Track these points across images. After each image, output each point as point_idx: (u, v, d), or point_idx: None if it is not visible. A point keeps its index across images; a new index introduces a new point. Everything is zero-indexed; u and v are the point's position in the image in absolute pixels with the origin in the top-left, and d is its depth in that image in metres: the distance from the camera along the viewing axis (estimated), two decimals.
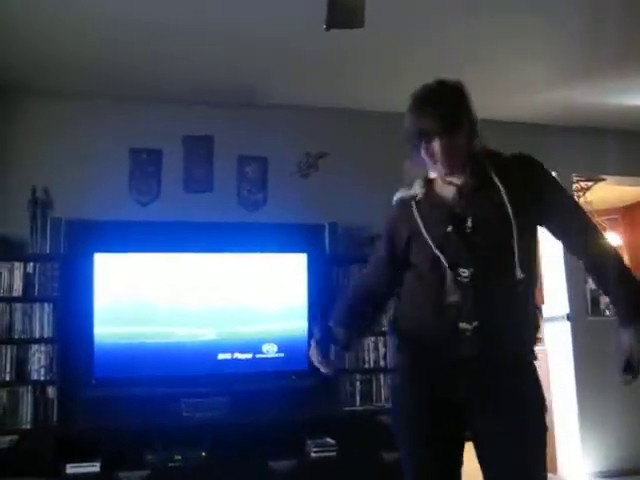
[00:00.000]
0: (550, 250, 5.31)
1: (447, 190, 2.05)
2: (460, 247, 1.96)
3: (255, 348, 4.43)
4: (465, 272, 1.94)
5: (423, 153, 1.98)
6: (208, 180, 4.80)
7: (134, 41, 3.88)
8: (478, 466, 1.99)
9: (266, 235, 4.54)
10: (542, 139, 5.39)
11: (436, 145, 1.93)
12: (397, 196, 2.22)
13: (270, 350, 4.44)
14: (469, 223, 1.96)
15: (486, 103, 4.80)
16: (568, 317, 5.39)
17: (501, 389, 1.94)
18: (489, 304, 1.93)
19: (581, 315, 5.43)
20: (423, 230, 2.03)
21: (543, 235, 2.12)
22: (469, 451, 2.03)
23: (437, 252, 1.98)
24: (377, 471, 4.22)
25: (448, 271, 1.95)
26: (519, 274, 1.92)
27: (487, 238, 1.95)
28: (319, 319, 2.28)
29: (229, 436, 4.16)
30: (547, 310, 5.70)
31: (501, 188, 1.95)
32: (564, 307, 5.44)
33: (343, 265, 4.69)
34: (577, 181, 6.20)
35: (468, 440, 2.03)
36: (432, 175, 2.11)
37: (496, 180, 1.97)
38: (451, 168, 1.99)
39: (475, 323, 1.92)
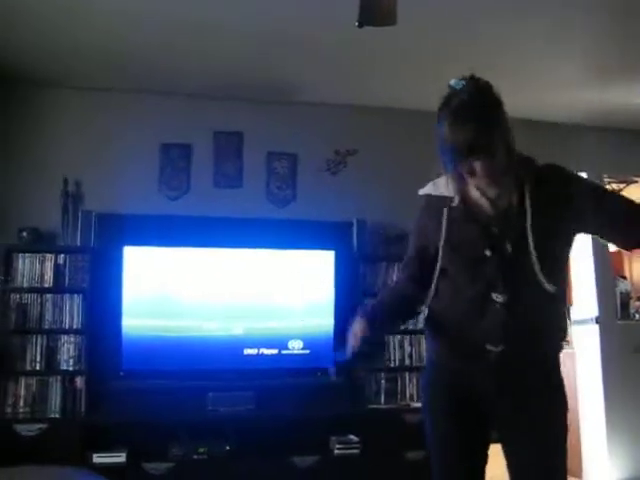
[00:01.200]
0: (580, 252, 5.25)
1: (483, 202, 1.98)
2: (498, 273, 1.93)
3: (281, 344, 4.45)
4: (499, 297, 1.92)
5: (461, 168, 1.89)
6: (238, 176, 4.82)
7: (165, 36, 3.91)
8: (504, 469, 2.02)
9: (294, 231, 4.55)
10: (574, 139, 5.34)
11: (478, 165, 1.84)
12: (425, 191, 2.16)
13: (296, 346, 4.45)
14: (508, 248, 1.92)
15: (519, 103, 4.78)
16: (597, 320, 5.33)
17: (524, 395, 1.96)
18: (518, 329, 1.92)
19: (610, 318, 5.36)
20: (457, 244, 2.00)
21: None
22: (495, 455, 2.04)
23: (473, 272, 1.96)
24: (400, 470, 4.22)
25: (482, 292, 1.94)
26: (549, 287, 1.90)
27: (524, 262, 1.91)
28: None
29: (253, 430, 4.18)
30: (576, 313, 5.64)
31: (528, 204, 1.91)
32: (593, 310, 5.38)
33: (371, 262, 4.68)
34: (609, 182, 6.13)
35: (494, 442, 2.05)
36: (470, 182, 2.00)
37: (527, 197, 1.92)
38: (491, 184, 1.93)
39: (501, 347, 1.93)
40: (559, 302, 1.99)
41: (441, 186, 2.09)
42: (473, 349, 1.96)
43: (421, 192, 2.18)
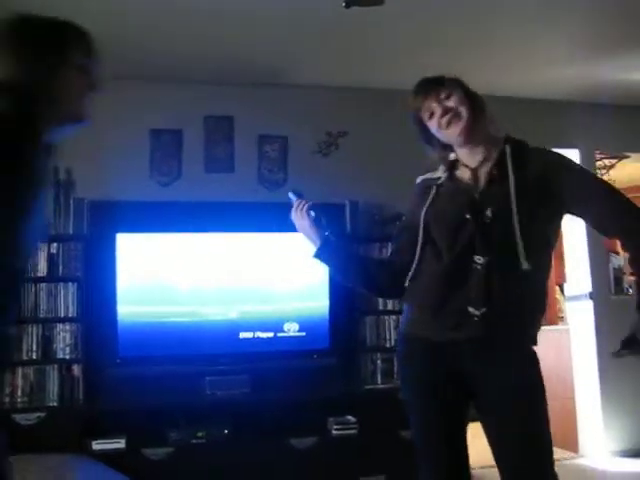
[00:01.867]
0: (572, 229, 5.27)
1: (466, 173, 2.12)
2: (476, 235, 1.99)
3: (276, 327, 4.46)
4: (480, 259, 1.99)
5: (433, 125, 2.11)
6: (229, 160, 4.81)
7: (153, 21, 3.88)
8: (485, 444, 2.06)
9: (287, 214, 4.53)
10: (565, 116, 5.35)
11: (438, 108, 2.08)
12: (420, 179, 2.29)
13: (291, 329, 4.47)
14: (489, 213, 2.00)
15: (509, 80, 4.80)
16: (591, 296, 5.36)
17: (505, 365, 2.01)
18: (498, 292, 1.98)
19: (604, 294, 5.40)
20: (440, 212, 2.10)
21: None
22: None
23: (454, 236, 2.03)
24: (397, 449, 4.25)
25: (463, 256, 2.01)
26: (525, 265, 1.96)
27: (504, 229, 1.98)
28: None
29: (251, 414, 4.21)
30: (570, 289, 5.67)
31: (512, 181, 2.00)
32: (587, 286, 5.41)
33: (364, 244, 4.68)
34: (600, 159, 6.14)
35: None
36: (452, 156, 2.17)
37: (510, 170, 2.01)
38: (463, 134, 2.06)
39: (483, 310, 1.97)
40: (536, 282, 2.05)
41: (436, 172, 2.23)
42: (456, 315, 2.00)
43: (418, 180, 2.30)
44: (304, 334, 4.48)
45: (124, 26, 3.93)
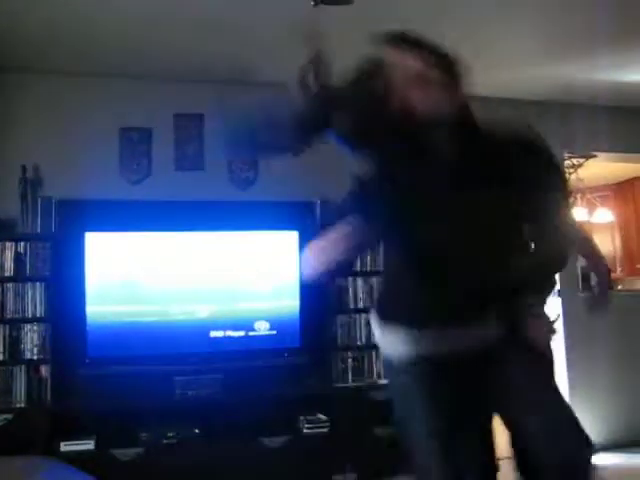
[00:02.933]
0: None
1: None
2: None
3: (247, 326, 4.45)
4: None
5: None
6: (199, 158, 4.78)
7: (121, 18, 3.84)
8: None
9: (258, 213, 4.54)
10: (535, 115, 5.38)
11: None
12: None
13: (262, 328, 4.46)
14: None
15: (476, 79, 4.82)
16: (559, 293, 5.42)
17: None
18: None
19: (572, 291, 5.46)
20: None
21: None
22: None
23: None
24: (369, 446, 4.28)
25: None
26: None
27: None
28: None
29: (222, 413, 4.20)
30: None
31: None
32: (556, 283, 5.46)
33: None
34: (569, 158, 6.20)
35: None
36: None
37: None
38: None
39: None
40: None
41: None
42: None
43: None
44: (275, 333, 4.48)
45: (91, 25, 3.89)
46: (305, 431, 4.34)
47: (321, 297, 4.53)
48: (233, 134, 1.94)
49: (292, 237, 4.53)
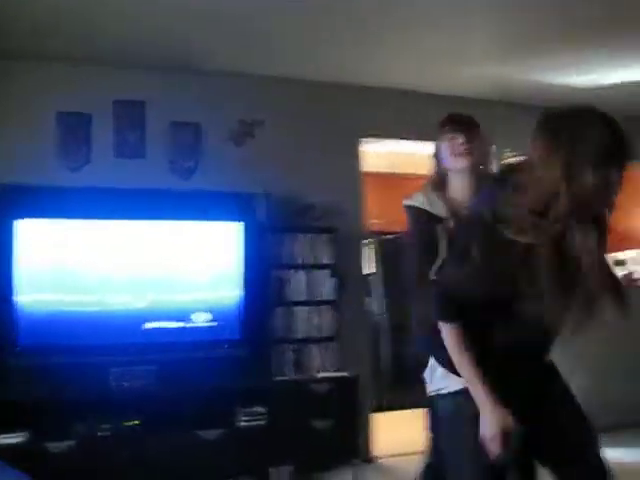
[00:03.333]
0: None
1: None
2: None
3: (185, 317, 4.39)
4: None
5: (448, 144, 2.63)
6: (140, 146, 4.69)
7: (56, 2, 3.72)
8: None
9: (199, 203, 4.49)
10: (478, 114, 5.44)
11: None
12: (415, 204, 2.57)
13: (202, 319, 4.41)
14: None
15: (428, 78, 4.85)
16: None
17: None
18: None
19: None
20: None
21: None
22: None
23: None
24: (307, 439, 4.28)
25: None
26: None
27: None
28: None
29: (158, 405, 4.13)
30: None
31: None
32: None
33: (277, 234, 4.67)
34: (512, 157, 6.29)
35: None
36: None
37: None
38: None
39: None
40: None
41: (433, 202, 2.52)
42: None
43: (414, 204, 2.56)
44: (215, 324, 4.43)
45: (26, 4, 3.75)
46: (242, 423, 4.30)
47: (262, 289, 4.51)
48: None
49: (234, 228, 4.50)
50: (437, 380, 2.03)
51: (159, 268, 4.38)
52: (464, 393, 1.90)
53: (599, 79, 5.21)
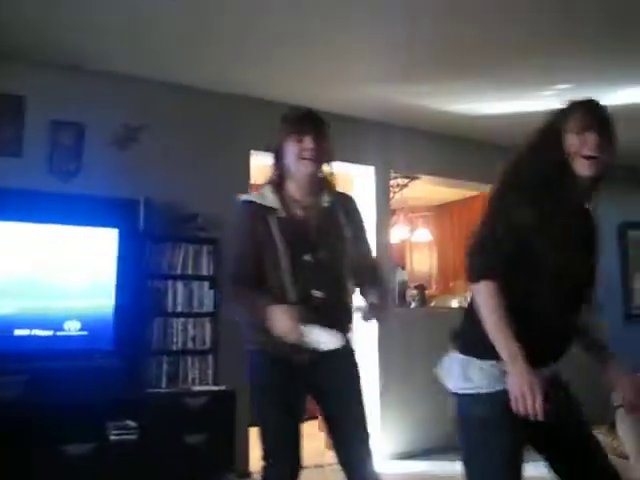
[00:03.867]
0: None
1: (297, 209, 2.51)
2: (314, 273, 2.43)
3: (57, 325, 4.20)
4: (318, 294, 2.43)
5: (295, 147, 2.47)
6: (16, 143, 4.45)
7: None
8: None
9: (77, 207, 4.31)
10: (363, 134, 5.56)
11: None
12: (248, 199, 2.52)
13: (73, 327, 4.23)
14: (322, 255, 2.46)
15: (308, 92, 4.88)
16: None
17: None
18: (334, 319, 2.47)
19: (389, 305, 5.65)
20: (287, 249, 2.42)
21: None
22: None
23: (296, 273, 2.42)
24: (179, 454, 4.18)
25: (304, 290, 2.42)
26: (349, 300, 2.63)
27: (335, 266, 2.50)
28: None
29: (24, 418, 3.90)
30: (355, 300, 5.88)
31: (343, 221, 2.54)
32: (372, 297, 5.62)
33: (156, 242, 4.56)
34: (394, 177, 6.44)
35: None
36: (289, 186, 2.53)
37: (341, 214, 2.55)
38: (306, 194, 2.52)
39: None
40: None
41: (267, 197, 2.47)
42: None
43: (246, 198, 2.54)
44: (86, 333, 4.26)
45: None
46: (112, 438, 4.14)
47: (138, 299, 4.38)
48: None
49: (111, 234, 4.35)
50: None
51: (30, 273, 4.17)
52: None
53: (480, 108, 5.41)
